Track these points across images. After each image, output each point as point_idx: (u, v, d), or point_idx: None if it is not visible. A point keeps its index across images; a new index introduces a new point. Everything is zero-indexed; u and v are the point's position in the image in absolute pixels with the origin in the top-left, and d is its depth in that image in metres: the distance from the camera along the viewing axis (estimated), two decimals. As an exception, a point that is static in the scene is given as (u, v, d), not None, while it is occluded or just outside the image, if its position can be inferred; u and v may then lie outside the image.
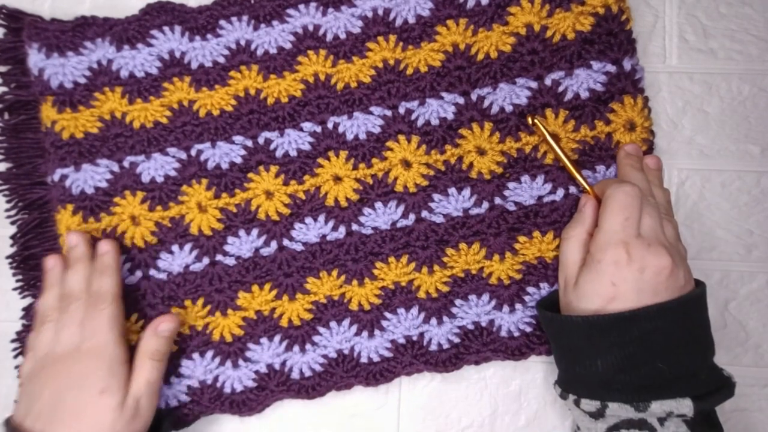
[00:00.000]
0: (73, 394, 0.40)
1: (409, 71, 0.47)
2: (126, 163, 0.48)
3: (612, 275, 0.39)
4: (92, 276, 0.45)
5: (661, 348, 0.38)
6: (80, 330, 0.42)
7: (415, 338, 0.47)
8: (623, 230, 0.39)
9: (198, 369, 0.47)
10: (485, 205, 0.47)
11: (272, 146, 0.48)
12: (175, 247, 0.48)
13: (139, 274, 0.48)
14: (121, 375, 0.42)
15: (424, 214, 0.47)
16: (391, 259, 0.47)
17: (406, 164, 0.47)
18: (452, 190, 0.47)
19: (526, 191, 0.47)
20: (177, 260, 0.48)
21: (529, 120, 0.46)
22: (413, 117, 0.47)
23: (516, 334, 0.47)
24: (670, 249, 0.39)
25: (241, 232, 0.48)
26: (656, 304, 0.38)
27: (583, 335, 0.40)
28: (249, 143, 0.48)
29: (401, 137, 0.47)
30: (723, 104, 0.49)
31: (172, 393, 0.47)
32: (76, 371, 0.41)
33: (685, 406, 0.37)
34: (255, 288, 0.47)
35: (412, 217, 0.47)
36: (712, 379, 0.39)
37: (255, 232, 0.48)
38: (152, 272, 0.48)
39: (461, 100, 0.47)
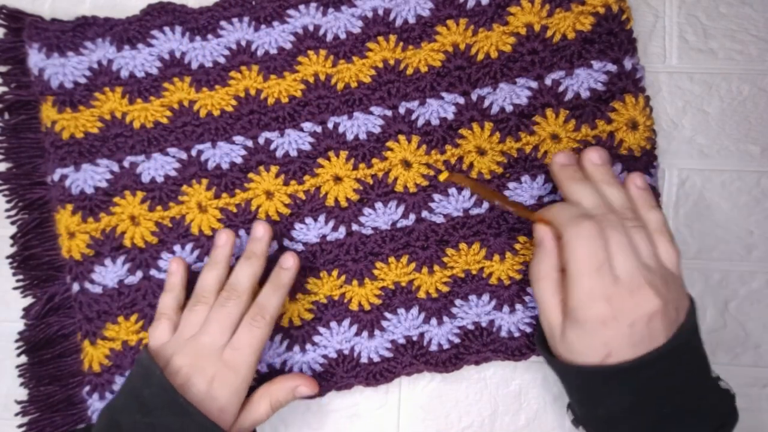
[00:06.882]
0: (200, 393, 0.40)
1: (409, 71, 0.47)
2: (126, 163, 0.48)
3: (602, 336, 0.36)
4: (262, 283, 0.44)
5: (665, 389, 0.36)
6: (229, 333, 0.41)
7: (415, 338, 0.47)
8: (599, 283, 0.36)
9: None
10: (486, 205, 0.47)
11: (272, 146, 0.48)
12: (176, 247, 0.48)
13: (139, 274, 0.48)
14: (241, 398, 0.41)
15: (425, 214, 0.47)
16: (391, 259, 0.47)
17: (407, 164, 0.47)
18: (453, 190, 0.47)
19: (527, 191, 0.47)
20: (177, 260, 0.48)
21: (442, 177, 0.45)
22: (413, 117, 0.47)
23: (516, 334, 0.47)
24: (653, 278, 0.36)
25: (241, 232, 0.47)
26: (655, 351, 0.36)
27: (581, 383, 0.39)
28: (249, 143, 0.48)
29: (401, 137, 0.47)
30: (723, 104, 0.49)
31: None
32: (209, 375, 0.40)
33: None
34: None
35: (412, 217, 0.47)
36: (720, 400, 0.38)
37: (255, 232, 0.47)
38: (153, 272, 0.48)
39: (461, 100, 0.47)
